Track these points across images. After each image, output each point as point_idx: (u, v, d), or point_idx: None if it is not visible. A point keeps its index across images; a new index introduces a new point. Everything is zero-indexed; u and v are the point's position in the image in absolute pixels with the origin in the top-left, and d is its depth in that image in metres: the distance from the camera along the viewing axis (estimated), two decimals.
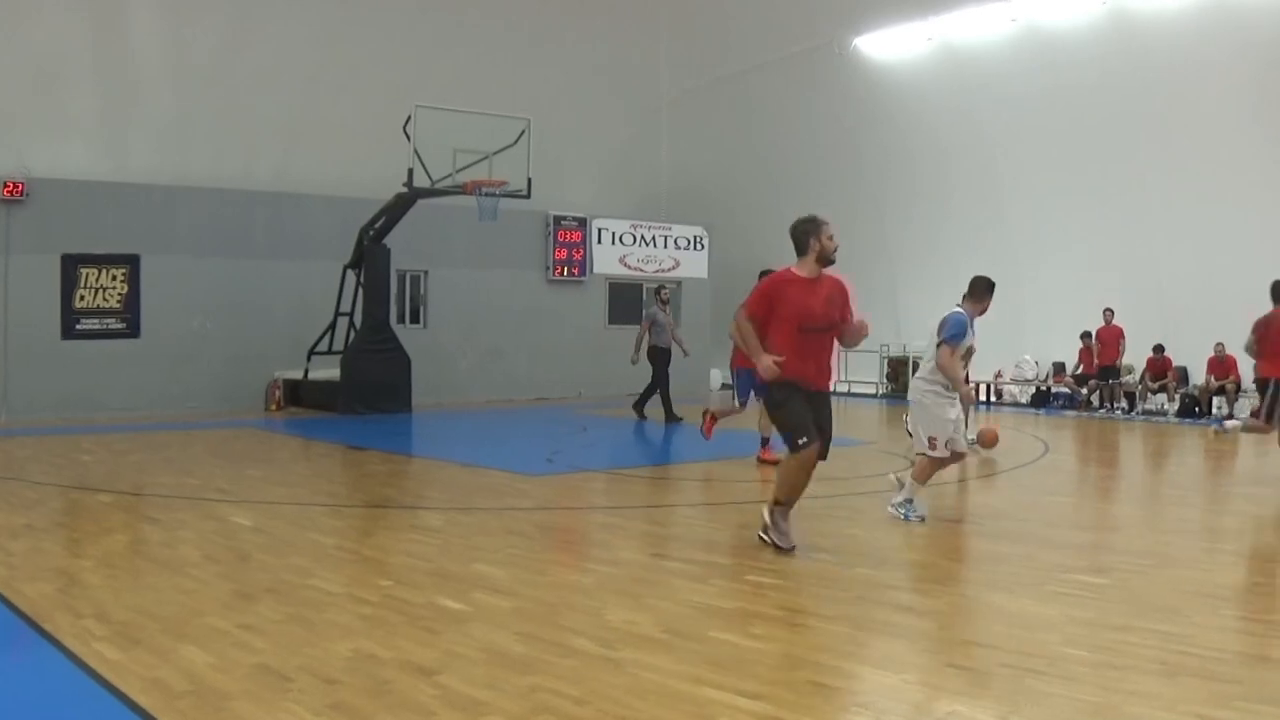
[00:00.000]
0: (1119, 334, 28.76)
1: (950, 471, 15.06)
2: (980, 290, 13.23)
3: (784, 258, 11.04)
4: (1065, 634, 7.77)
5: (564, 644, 7.39)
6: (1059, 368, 30.86)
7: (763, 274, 13.19)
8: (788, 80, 34.92)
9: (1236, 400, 27.23)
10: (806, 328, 10.51)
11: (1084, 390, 29.38)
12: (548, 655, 7.14)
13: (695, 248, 35.20)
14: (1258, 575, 9.89)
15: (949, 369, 12.34)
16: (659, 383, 24.87)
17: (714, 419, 18.45)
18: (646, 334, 24.76)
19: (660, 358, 24.75)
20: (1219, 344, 26.83)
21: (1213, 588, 9.25)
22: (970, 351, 13.45)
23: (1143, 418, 27.82)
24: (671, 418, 24.36)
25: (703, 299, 35.32)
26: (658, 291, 25.62)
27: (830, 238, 10.83)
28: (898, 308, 33.45)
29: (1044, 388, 31.20)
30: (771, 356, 10.29)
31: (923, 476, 12.57)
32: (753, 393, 16.71)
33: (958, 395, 12.51)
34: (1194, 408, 27.63)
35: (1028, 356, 31.36)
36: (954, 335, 12.57)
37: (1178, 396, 28.19)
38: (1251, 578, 9.79)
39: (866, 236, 33.83)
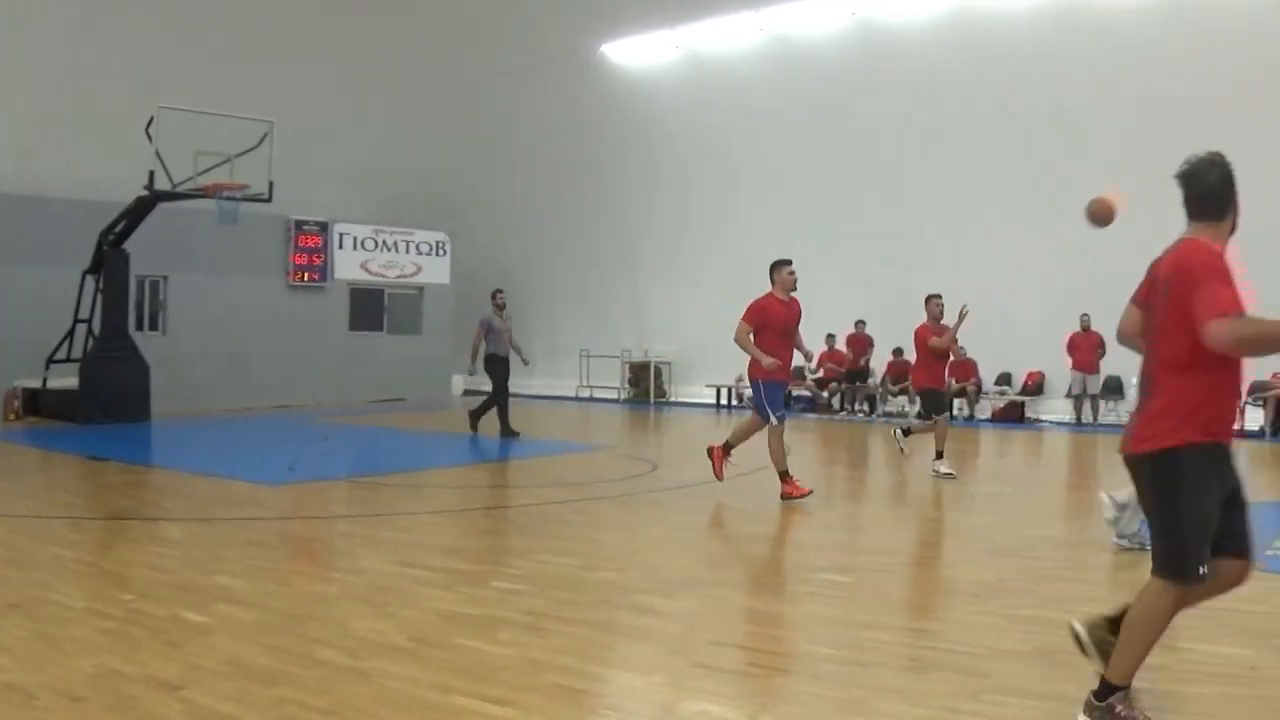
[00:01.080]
0: (867, 342, 29.36)
1: (693, 473, 15.17)
2: None
3: (527, 262, 11.03)
4: (812, 633, 7.80)
5: (310, 655, 7.18)
6: (799, 371, 31.24)
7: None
8: (534, 86, 34.92)
9: (977, 402, 27.94)
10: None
11: (825, 393, 29.80)
12: (294, 666, 6.93)
13: (438, 253, 34.87)
14: (1001, 571, 10.04)
15: None
16: (498, 394, 22.77)
17: (728, 451, 15.37)
18: (483, 342, 22.79)
19: (498, 367, 22.65)
20: (960, 348, 27.48)
21: (958, 584, 9.38)
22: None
23: (884, 419, 28.32)
24: (508, 432, 22.49)
25: (445, 305, 35.02)
26: (494, 296, 23.51)
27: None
28: (640, 313, 33.64)
29: (787, 391, 31.29)
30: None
31: None
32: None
33: None
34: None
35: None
36: None
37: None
38: (995, 574, 9.94)
39: (610, 243, 34.04)
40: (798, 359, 16.15)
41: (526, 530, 12.39)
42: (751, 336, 14.67)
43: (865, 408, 29.36)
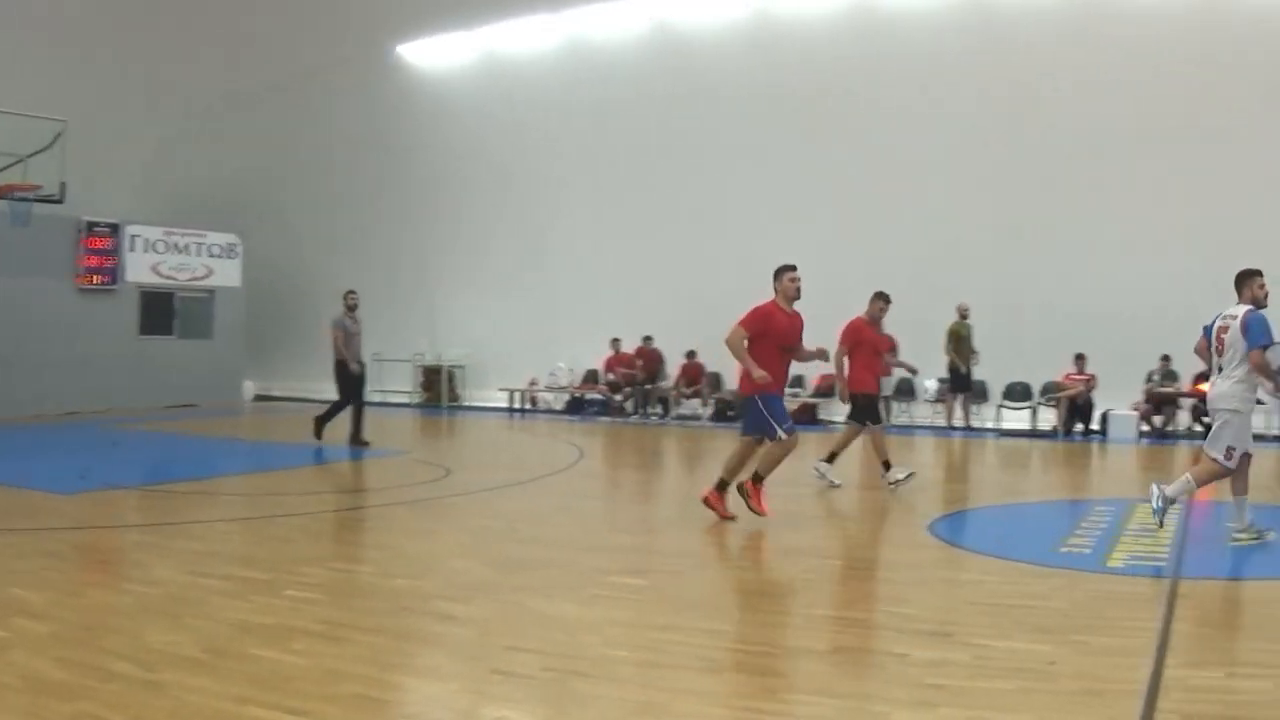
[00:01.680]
0: (657, 357, 29.70)
1: (480, 479, 15.23)
2: None
3: (322, 266, 11.01)
4: (607, 636, 7.81)
5: (105, 668, 6.99)
6: (592, 375, 31.33)
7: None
8: (330, 87, 34.48)
9: None
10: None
11: (618, 397, 29.92)
12: (89, 680, 6.75)
13: (229, 255, 34.29)
14: (795, 571, 10.20)
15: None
16: (347, 400, 21.65)
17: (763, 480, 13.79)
18: (342, 345, 21.35)
19: (349, 372, 21.56)
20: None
21: (751, 584, 9.52)
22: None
23: (677, 422, 28.54)
24: (358, 441, 21.36)
25: (236, 308, 34.47)
26: (345, 297, 22.07)
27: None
28: (434, 317, 33.49)
29: (578, 395, 31.56)
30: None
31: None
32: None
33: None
34: (727, 411, 28.43)
35: (561, 364, 31.73)
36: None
37: (711, 401, 28.99)
38: (789, 574, 10.09)
39: (404, 245, 33.83)
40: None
41: (321, 537, 12.25)
42: (745, 344, 13.24)
43: (659, 410, 29.51)
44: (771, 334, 13.33)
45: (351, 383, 21.53)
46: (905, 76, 27.45)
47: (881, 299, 17.19)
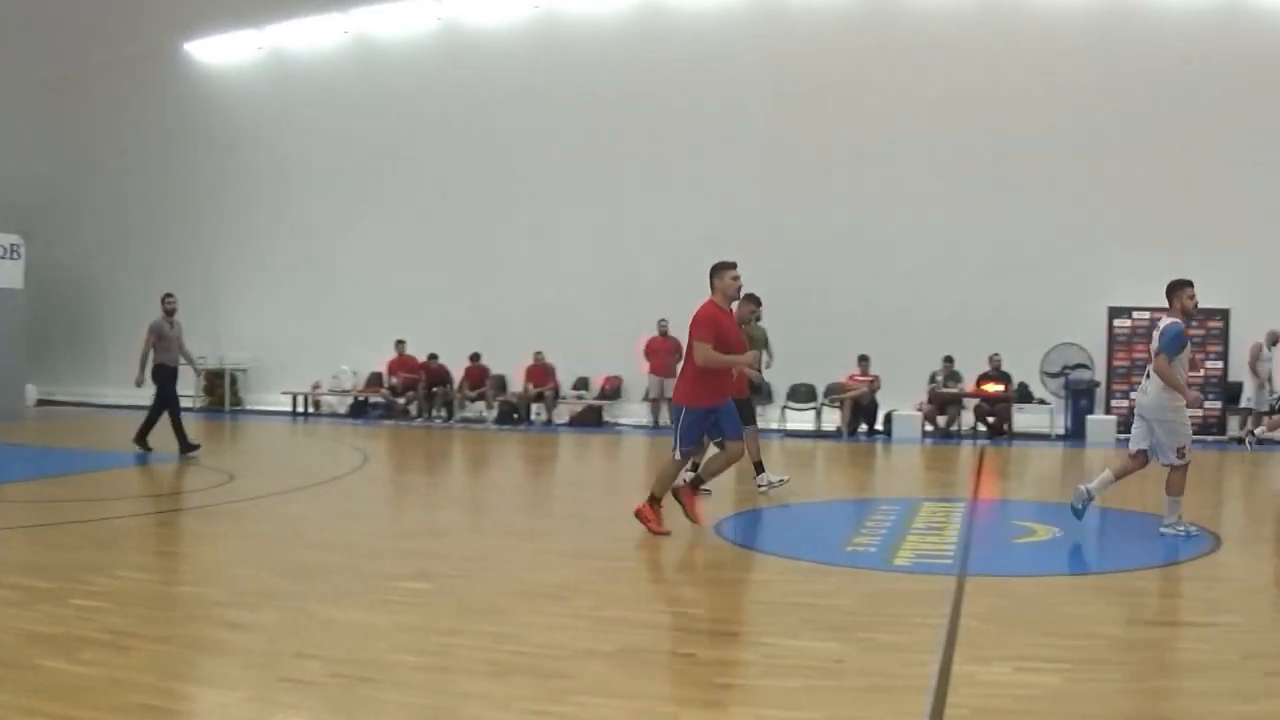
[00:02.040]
0: (443, 371, 29.52)
1: (264, 484, 15.13)
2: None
3: (107, 268, 10.86)
4: (394, 641, 7.78)
5: None
6: (376, 378, 31.11)
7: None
8: (117, 85, 33.61)
9: (555, 406, 28.29)
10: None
11: (401, 400, 29.76)
12: None
13: (10, 256, 33.29)
14: (582, 573, 10.25)
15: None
16: (165, 405, 20.63)
17: (700, 486, 13.38)
18: (152, 350, 20.49)
19: (166, 377, 20.62)
20: (538, 352, 27.92)
21: (539, 587, 9.51)
22: None
23: (461, 425, 28.44)
24: (187, 446, 20.29)
25: (17, 311, 33.50)
26: (163, 300, 20.93)
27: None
28: (219, 319, 33.00)
29: (361, 398, 31.29)
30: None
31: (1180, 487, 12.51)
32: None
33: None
34: (512, 414, 28.45)
35: (345, 367, 31.45)
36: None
37: (496, 404, 28.97)
38: (576, 575, 10.14)
39: (190, 247, 33.25)
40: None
41: (106, 545, 11.87)
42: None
43: (443, 413, 29.42)
44: (723, 337, 12.53)
45: (169, 387, 20.68)
46: (692, 77, 27.77)
47: (752, 301, 16.55)
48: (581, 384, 29.29)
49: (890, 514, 13.80)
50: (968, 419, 26.08)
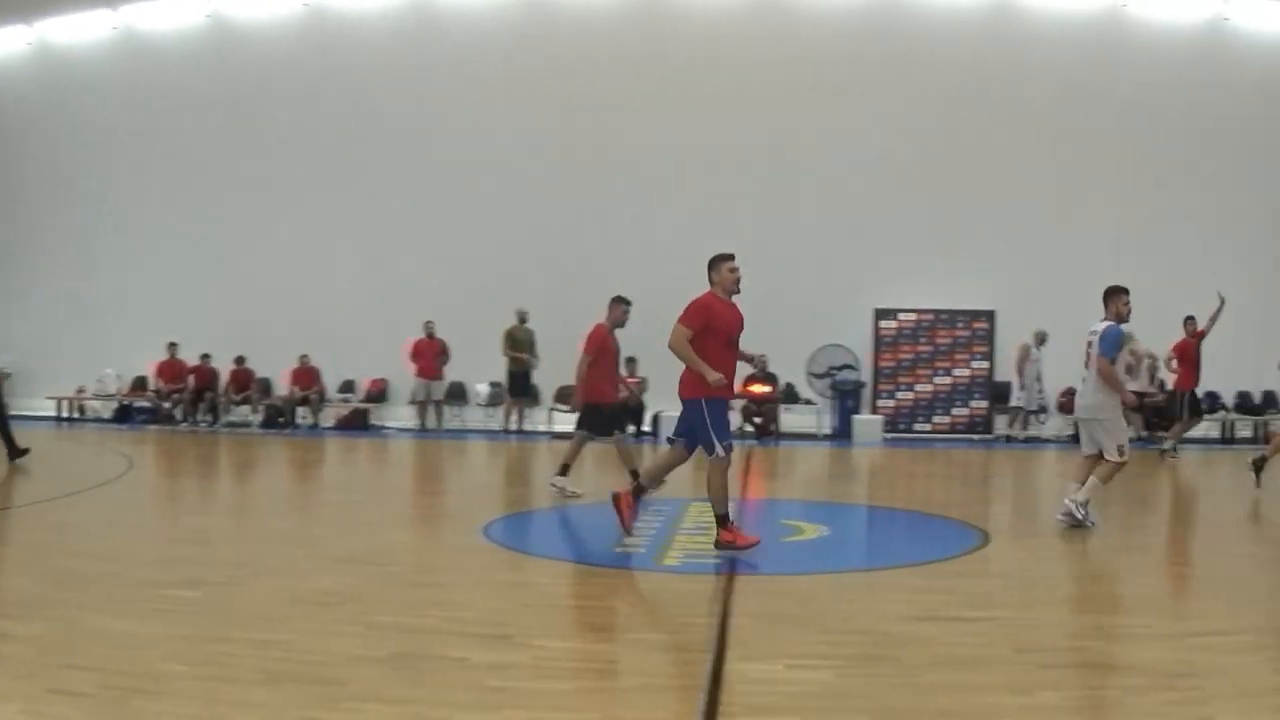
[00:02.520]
0: (210, 372, 29.00)
1: (29, 491, 14.77)
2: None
3: None
4: (165, 650, 7.61)
5: None
6: (141, 382, 30.48)
7: None
8: None
9: (321, 410, 27.99)
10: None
11: (167, 404, 29.18)
12: None
13: None
14: (352, 579, 10.12)
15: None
16: None
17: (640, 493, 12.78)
18: None
19: None
20: (304, 355, 27.58)
21: (309, 594, 9.40)
22: None
23: (227, 430, 27.97)
24: (16, 452, 19.25)
25: None
26: None
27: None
28: None
29: (126, 402, 30.54)
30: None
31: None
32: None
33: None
34: (278, 418, 28.09)
35: (110, 370, 30.70)
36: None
37: (262, 408, 28.57)
38: (346, 581, 10.00)
39: None
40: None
41: None
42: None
43: (209, 418, 28.89)
44: (716, 327, 11.78)
45: None
46: (448, 83, 27.80)
47: (622, 303, 16.44)
48: (347, 387, 29.01)
49: (659, 515, 13.92)
50: (735, 420, 26.29)
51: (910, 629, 8.47)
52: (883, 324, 26.99)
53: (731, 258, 12.25)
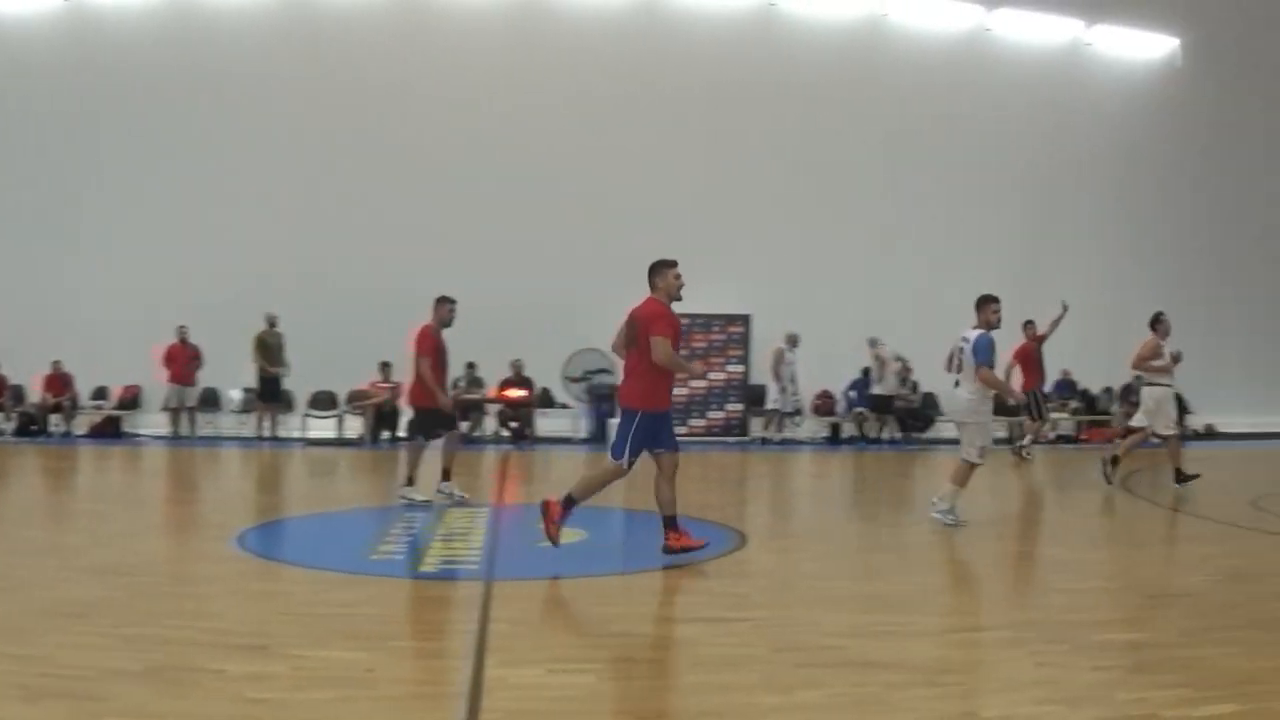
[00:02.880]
0: None
1: None
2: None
3: None
4: None
5: None
6: None
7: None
8: None
9: (74, 417, 27.29)
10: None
11: None
12: None
13: None
14: (105, 590, 9.92)
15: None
16: None
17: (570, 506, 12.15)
18: None
19: None
20: (56, 360, 26.85)
21: (62, 605, 9.22)
22: None
23: None
24: None
25: None
26: None
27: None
28: None
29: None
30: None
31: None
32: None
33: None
34: (31, 425, 27.33)
35: None
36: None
37: (15, 415, 27.75)
38: (99, 593, 9.81)
39: None
40: None
41: None
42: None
43: None
44: (675, 334, 11.78)
45: None
46: (212, 83, 27.31)
47: (447, 302, 16.30)
48: (100, 394, 28.34)
49: (415, 521, 14.05)
50: (490, 424, 26.41)
51: (670, 631, 8.64)
52: None
53: (675, 264, 12.14)
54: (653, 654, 7.95)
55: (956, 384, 14.39)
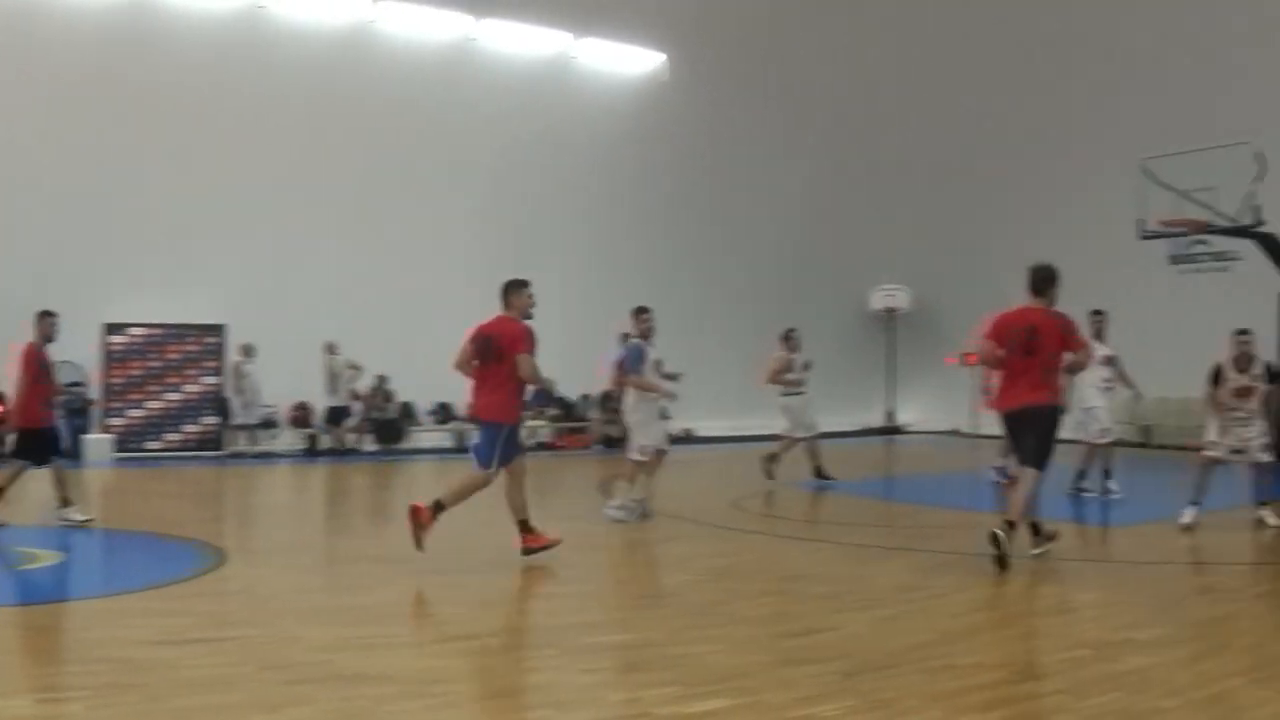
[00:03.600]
0: None
1: None
2: None
3: None
4: None
5: None
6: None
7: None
8: None
9: None
10: None
11: None
12: None
13: None
14: None
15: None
16: None
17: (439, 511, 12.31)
18: None
19: None
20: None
21: None
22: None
23: None
24: None
25: None
26: None
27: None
28: None
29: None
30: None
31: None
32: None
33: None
34: None
35: None
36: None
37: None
38: None
39: None
40: None
41: None
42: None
43: None
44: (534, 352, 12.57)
45: None
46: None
47: (49, 316, 15.47)
48: None
49: None
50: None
51: (155, 654, 8.45)
52: (113, 339, 26.36)
53: (528, 284, 12.81)
54: (139, 678, 7.73)
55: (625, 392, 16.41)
